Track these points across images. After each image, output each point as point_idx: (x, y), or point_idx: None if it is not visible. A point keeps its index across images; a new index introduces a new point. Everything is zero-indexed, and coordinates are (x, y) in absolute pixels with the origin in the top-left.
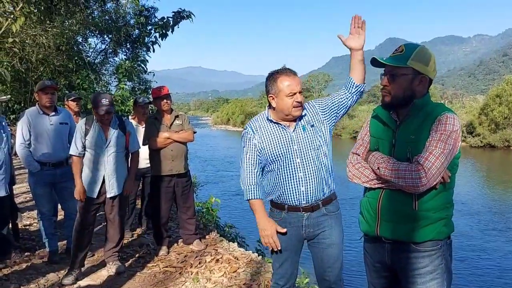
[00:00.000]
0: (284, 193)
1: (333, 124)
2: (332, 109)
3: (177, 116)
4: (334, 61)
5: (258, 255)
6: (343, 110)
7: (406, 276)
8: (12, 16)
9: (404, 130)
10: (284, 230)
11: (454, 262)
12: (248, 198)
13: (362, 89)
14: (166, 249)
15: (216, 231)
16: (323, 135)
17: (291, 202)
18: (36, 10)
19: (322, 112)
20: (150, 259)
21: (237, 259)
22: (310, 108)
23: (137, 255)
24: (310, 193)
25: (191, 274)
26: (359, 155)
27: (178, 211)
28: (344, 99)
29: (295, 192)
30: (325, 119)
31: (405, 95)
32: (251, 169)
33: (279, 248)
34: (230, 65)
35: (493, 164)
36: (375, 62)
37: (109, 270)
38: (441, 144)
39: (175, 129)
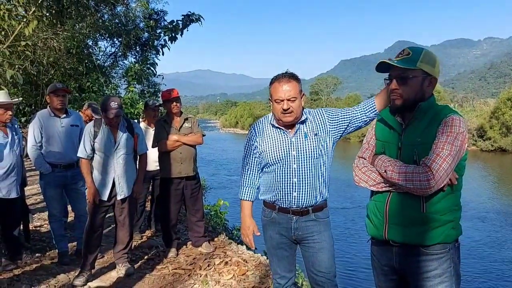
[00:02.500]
0: (277, 195)
1: (339, 137)
2: (342, 122)
3: (186, 119)
4: (343, 64)
5: (267, 258)
6: (352, 128)
7: (414, 280)
8: (25, 20)
9: (410, 133)
10: (258, 234)
11: (462, 266)
12: (240, 198)
13: (376, 116)
14: (175, 251)
15: (224, 233)
16: (326, 146)
17: (282, 204)
18: (48, 14)
19: (330, 122)
20: (159, 261)
21: (246, 261)
22: (317, 116)
23: (146, 257)
24: (302, 199)
25: (200, 276)
26: (365, 159)
27: (187, 214)
28: (357, 119)
29: (287, 196)
30: (332, 130)
31: (416, 97)
32: (248, 171)
33: (254, 248)
34: (238, 68)
35: (504, 168)
36: (381, 67)
37: (119, 271)
38: (447, 146)
39: (185, 132)
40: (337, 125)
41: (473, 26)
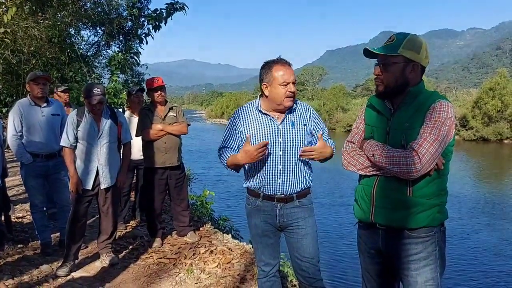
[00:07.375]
0: (261, 182)
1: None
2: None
3: (171, 108)
4: (328, 54)
5: (252, 247)
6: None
7: (400, 262)
8: (3, 7)
9: (399, 118)
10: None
11: (448, 249)
12: (225, 164)
13: None
14: (160, 241)
15: (210, 223)
16: (310, 137)
17: (266, 191)
18: (28, 1)
19: (313, 123)
20: (144, 251)
21: (231, 250)
22: (307, 110)
23: (130, 247)
24: (286, 185)
25: (185, 265)
26: (354, 143)
27: (172, 203)
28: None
29: (272, 183)
30: (311, 129)
31: (397, 83)
32: (227, 153)
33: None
34: (224, 59)
35: (486, 157)
36: (367, 53)
37: (103, 261)
38: (435, 131)
39: (169, 121)
40: (313, 129)
41: (457, 17)
